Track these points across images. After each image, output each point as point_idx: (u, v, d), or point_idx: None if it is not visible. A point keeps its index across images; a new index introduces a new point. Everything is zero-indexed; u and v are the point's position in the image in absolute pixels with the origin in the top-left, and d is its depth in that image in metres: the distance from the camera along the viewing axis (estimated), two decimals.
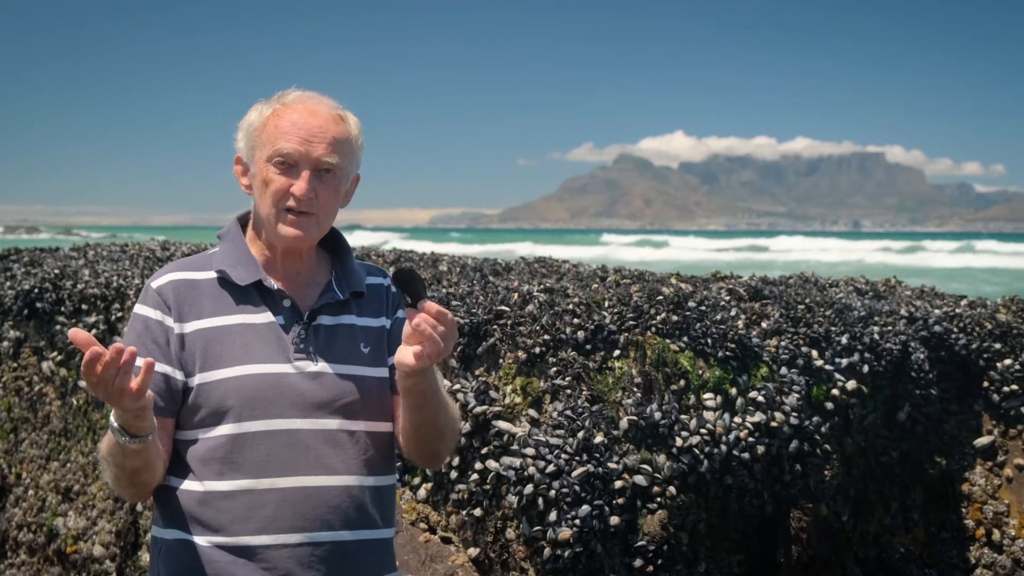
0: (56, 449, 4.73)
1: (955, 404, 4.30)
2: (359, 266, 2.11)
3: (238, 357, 1.92)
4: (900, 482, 4.15)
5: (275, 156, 1.92)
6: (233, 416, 1.90)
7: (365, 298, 2.06)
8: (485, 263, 4.90)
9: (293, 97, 1.98)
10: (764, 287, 4.34)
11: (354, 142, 1.99)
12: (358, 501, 1.95)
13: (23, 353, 4.94)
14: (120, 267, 4.95)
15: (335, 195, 1.97)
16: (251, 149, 1.98)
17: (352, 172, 2.02)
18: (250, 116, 2.00)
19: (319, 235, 2.00)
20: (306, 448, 1.92)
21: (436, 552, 3.28)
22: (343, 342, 1.99)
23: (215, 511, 1.90)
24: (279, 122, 1.94)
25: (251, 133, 1.98)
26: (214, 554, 1.90)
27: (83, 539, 4.50)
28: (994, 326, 4.32)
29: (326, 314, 2.00)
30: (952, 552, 4.12)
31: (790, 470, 3.59)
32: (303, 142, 1.92)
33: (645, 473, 3.24)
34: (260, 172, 1.95)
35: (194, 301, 1.96)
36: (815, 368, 3.84)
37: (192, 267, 2.02)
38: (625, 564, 3.18)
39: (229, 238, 2.05)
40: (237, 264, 1.99)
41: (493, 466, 3.24)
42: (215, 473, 1.91)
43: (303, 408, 1.93)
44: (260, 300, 1.98)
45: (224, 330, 1.94)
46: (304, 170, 1.92)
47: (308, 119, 1.94)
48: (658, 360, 3.51)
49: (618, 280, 4.21)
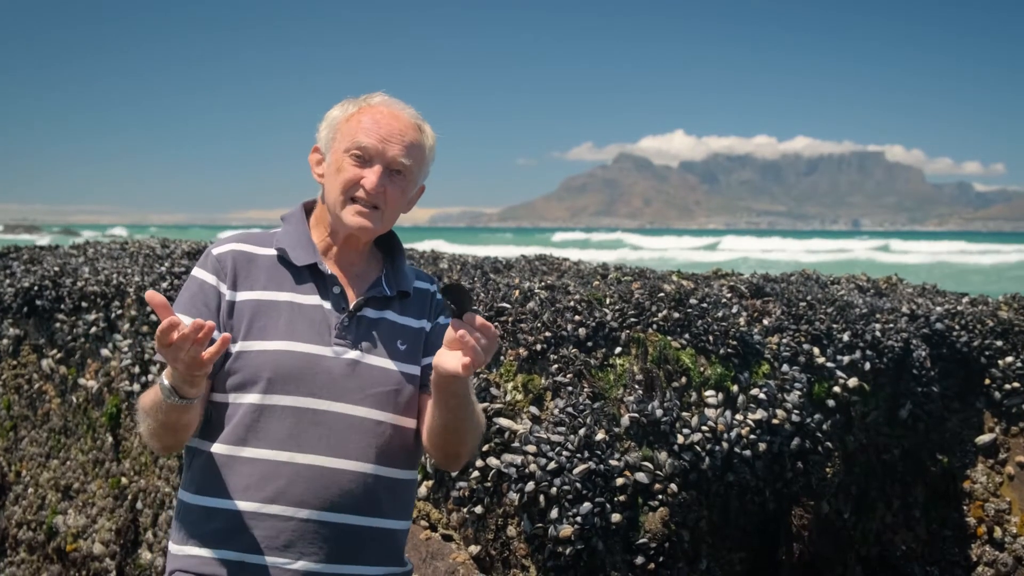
0: (56, 447, 4.72)
1: (957, 402, 4.29)
2: (410, 269, 2.20)
3: (280, 332, 2.00)
4: (901, 480, 4.15)
5: (353, 148, 2.03)
6: (264, 387, 1.98)
7: (410, 299, 2.15)
8: (486, 261, 4.89)
9: (379, 100, 2.09)
10: (766, 284, 4.34)
11: (427, 151, 2.11)
12: (370, 489, 2.01)
13: (23, 351, 4.94)
14: (120, 265, 4.94)
15: (401, 196, 2.08)
16: (331, 140, 2.09)
17: (420, 180, 2.13)
18: (334, 111, 2.11)
19: (381, 229, 2.09)
20: (329, 430, 1.99)
21: (437, 550, 3.27)
22: (382, 336, 2.07)
23: (232, 475, 1.97)
24: (362, 118, 2.05)
25: (333, 125, 2.09)
26: (223, 516, 1.97)
27: (83, 537, 4.49)
28: (996, 323, 4.31)
29: (371, 307, 2.08)
30: (953, 550, 4.12)
31: (791, 467, 3.58)
32: (381, 140, 2.03)
33: (646, 470, 3.24)
34: (336, 161, 2.06)
35: (249, 273, 2.06)
36: (816, 365, 3.83)
37: (254, 241, 2.12)
38: (626, 561, 3.17)
39: (293, 220, 2.15)
40: (297, 245, 2.09)
41: (494, 463, 3.24)
42: (238, 439, 1.98)
43: (333, 391, 2.00)
44: (312, 282, 2.07)
45: (272, 305, 2.03)
46: (377, 165, 2.03)
47: (390, 120, 2.05)
48: (659, 357, 3.50)
49: (619, 277, 4.20)
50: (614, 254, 56.29)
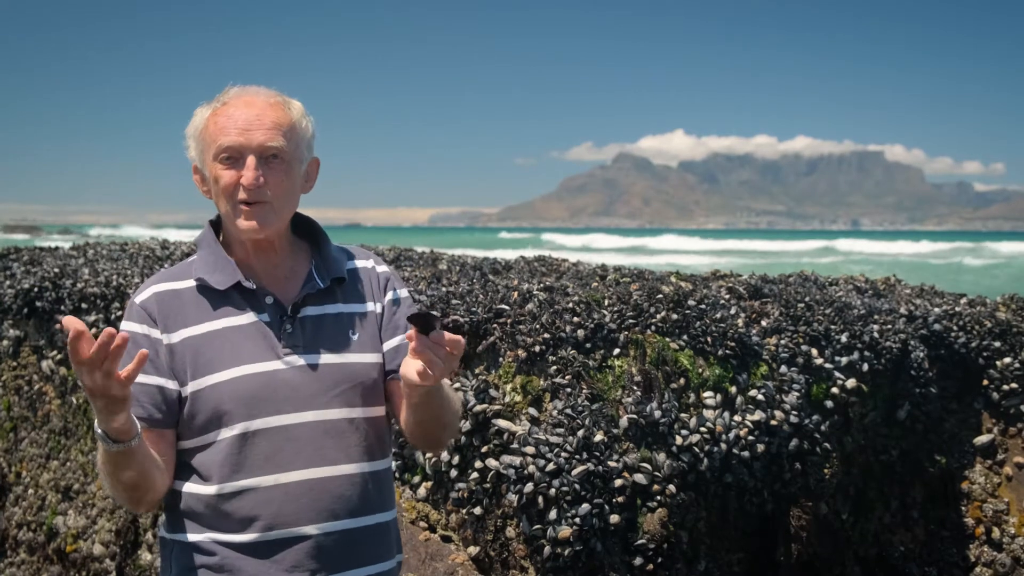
0: (56, 448, 4.73)
1: (955, 402, 4.30)
2: (338, 251, 2.11)
3: (228, 360, 1.93)
4: (900, 480, 4.15)
5: (219, 153, 1.93)
6: (230, 419, 1.92)
7: (348, 283, 2.06)
8: (485, 262, 4.90)
9: (231, 94, 1.98)
10: (764, 285, 4.35)
11: (297, 124, 1.98)
12: (360, 488, 1.98)
13: (23, 352, 4.94)
14: (120, 266, 4.95)
15: (286, 179, 1.96)
16: (200, 153, 1.98)
17: (303, 156, 2.01)
18: (194, 121, 2.00)
19: (279, 223, 1.98)
20: (306, 442, 1.94)
21: (436, 551, 3.28)
22: (331, 331, 2.00)
23: (222, 513, 1.93)
24: (218, 119, 1.95)
25: (197, 137, 1.99)
26: (224, 552, 1.92)
27: (83, 538, 4.50)
28: (993, 324, 4.32)
29: (310, 305, 2.00)
30: (952, 550, 4.12)
31: (790, 468, 3.59)
32: (241, 132, 1.92)
33: (645, 471, 3.24)
34: (211, 172, 1.96)
35: (179, 310, 1.97)
36: (815, 366, 3.84)
37: (173, 277, 2.03)
38: (625, 562, 3.18)
39: (204, 244, 2.05)
40: (215, 269, 1.99)
41: (493, 464, 3.24)
42: (219, 476, 1.93)
43: (298, 402, 1.94)
44: (242, 301, 1.98)
45: (211, 335, 1.95)
46: (248, 158, 1.92)
47: (244, 111, 1.94)
48: (658, 358, 3.51)
49: (618, 279, 4.21)
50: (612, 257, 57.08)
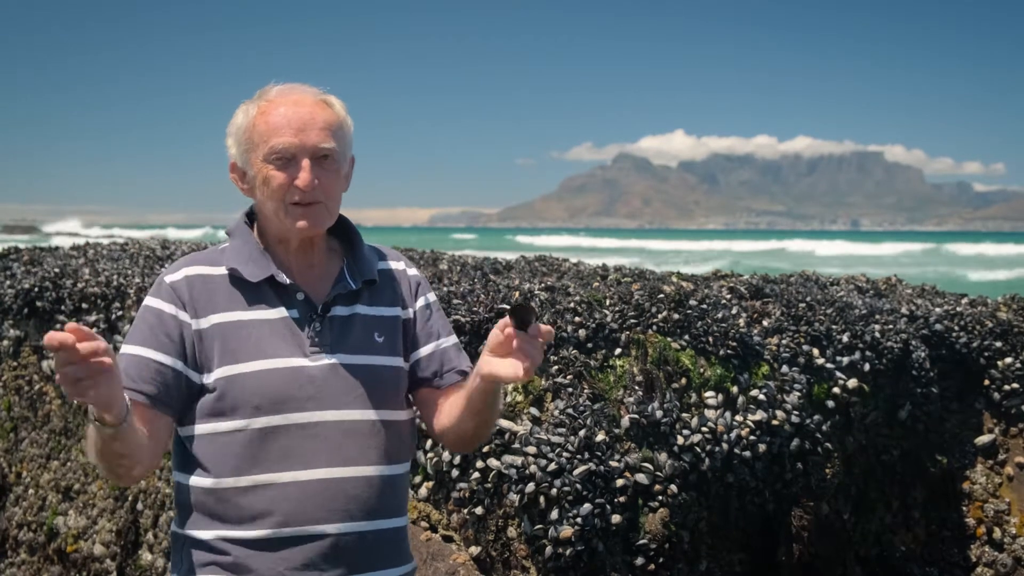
0: (56, 448, 4.72)
1: (956, 402, 4.30)
2: (370, 250, 2.11)
3: (254, 353, 1.92)
4: (901, 480, 4.15)
5: (271, 153, 1.92)
6: (252, 412, 1.91)
7: (378, 285, 2.06)
8: (485, 262, 4.89)
9: (275, 92, 1.98)
10: (765, 285, 4.35)
11: (344, 124, 2.00)
12: (377, 491, 1.96)
13: (23, 352, 4.94)
14: (120, 266, 4.95)
15: (337, 180, 1.98)
16: (245, 152, 1.97)
17: (348, 154, 2.03)
18: (236, 120, 1.99)
19: (330, 222, 2.00)
20: (326, 440, 1.92)
21: (437, 550, 3.27)
22: (357, 332, 2.00)
23: (236, 506, 1.91)
24: (268, 119, 1.94)
25: (241, 136, 1.98)
26: (236, 548, 1.90)
27: (83, 538, 4.49)
28: (995, 324, 4.32)
29: (340, 305, 2.00)
30: (953, 550, 4.12)
31: (791, 468, 3.58)
32: (296, 133, 1.92)
33: (646, 471, 3.24)
34: (259, 172, 1.95)
35: (210, 296, 1.96)
36: (816, 366, 3.84)
37: (206, 262, 2.01)
38: (626, 562, 3.18)
39: (238, 234, 2.04)
40: (248, 261, 1.99)
41: (494, 464, 3.24)
42: (234, 469, 1.91)
43: (321, 401, 1.93)
44: (273, 295, 1.98)
45: (240, 325, 1.94)
46: (303, 160, 1.92)
47: (296, 110, 1.94)
48: (659, 358, 3.50)
49: (619, 278, 4.21)
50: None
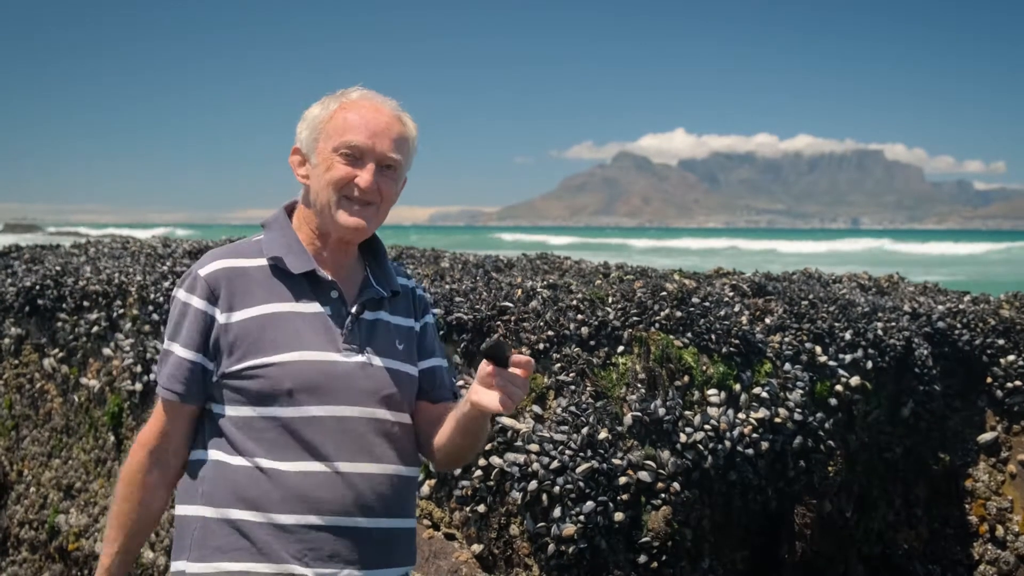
0: (57, 446, 4.72)
1: (958, 400, 4.29)
2: (392, 267, 2.18)
3: (293, 343, 1.96)
4: (903, 478, 4.15)
5: (343, 147, 1.99)
6: (289, 400, 1.94)
7: (397, 298, 2.14)
8: (487, 259, 4.89)
9: (359, 95, 2.04)
10: (767, 283, 4.34)
11: (412, 143, 2.07)
12: (397, 490, 2.01)
13: (24, 350, 4.94)
14: (121, 264, 4.94)
15: (393, 190, 2.05)
16: (314, 140, 2.03)
17: (406, 172, 2.10)
18: (314, 110, 2.05)
19: (376, 227, 2.06)
20: (358, 435, 1.97)
21: (440, 548, 3.27)
22: (382, 337, 2.06)
23: (263, 489, 1.93)
24: (347, 115, 2.01)
25: (316, 125, 2.03)
26: (257, 531, 1.92)
27: (85, 536, 4.49)
28: (997, 322, 4.32)
29: (368, 309, 2.07)
30: (955, 548, 4.12)
31: (794, 466, 3.58)
32: (371, 136, 1.99)
33: (649, 469, 3.24)
34: (324, 161, 2.00)
35: (245, 289, 2.00)
36: (819, 364, 3.83)
37: (240, 253, 2.05)
38: (629, 560, 3.17)
39: (277, 226, 2.09)
40: (290, 252, 2.03)
41: (497, 462, 3.24)
42: (266, 452, 1.94)
43: (354, 396, 1.98)
44: (309, 289, 2.02)
45: (276, 317, 1.98)
46: (369, 163, 1.99)
47: (375, 115, 2.01)
48: (662, 356, 3.50)
49: (621, 276, 4.20)
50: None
